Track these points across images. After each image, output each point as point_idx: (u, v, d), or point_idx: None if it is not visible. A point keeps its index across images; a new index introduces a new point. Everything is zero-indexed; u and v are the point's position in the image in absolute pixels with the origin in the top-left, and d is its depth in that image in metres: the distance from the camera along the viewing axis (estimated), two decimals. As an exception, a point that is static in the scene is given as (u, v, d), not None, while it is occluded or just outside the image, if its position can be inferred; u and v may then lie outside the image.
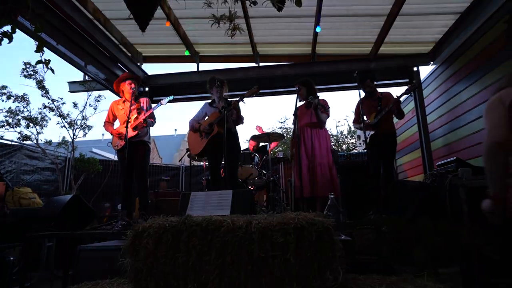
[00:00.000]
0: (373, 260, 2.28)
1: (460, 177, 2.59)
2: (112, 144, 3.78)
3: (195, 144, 3.76)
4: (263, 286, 1.31)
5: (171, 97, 3.86)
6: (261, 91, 6.03)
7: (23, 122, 6.91)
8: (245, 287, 1.32)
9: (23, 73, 6.83)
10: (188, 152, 5.23)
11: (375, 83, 4.11)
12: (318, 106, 3.55)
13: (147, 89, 5.91)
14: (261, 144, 5.80)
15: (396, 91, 3.97)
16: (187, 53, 5.55)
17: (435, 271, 1.88)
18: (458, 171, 2.64)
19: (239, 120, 3.70)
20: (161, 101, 3.79)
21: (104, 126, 3.91)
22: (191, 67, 6.01)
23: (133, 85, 3.76)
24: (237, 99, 3.58)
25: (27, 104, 7.02)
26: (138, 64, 5.71)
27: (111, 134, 3.80)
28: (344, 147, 13.94)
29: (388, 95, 3.98)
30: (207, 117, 3.78)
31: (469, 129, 4.20)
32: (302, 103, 3.89)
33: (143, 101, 3.86)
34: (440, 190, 2.76)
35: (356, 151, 12.88)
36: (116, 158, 3.85)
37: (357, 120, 4.14)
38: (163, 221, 1.49)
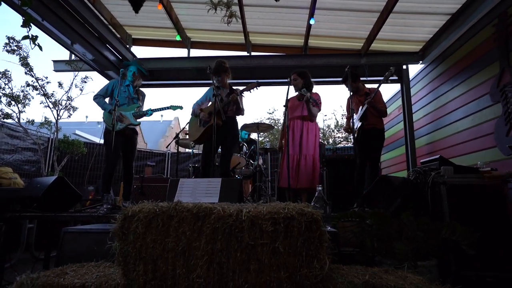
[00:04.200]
0: (355, 252, 2.34)
1: (442, 175, 2.69)
2: (106, 122, 3.60)
3: (194, 130, 3.73)
4: (251, 273, 1.34)
5: (181, 107, 3.91)
6: (251, 80, 6.03)
7: (4, 100, 6.67)
8: (233, 273, 1.34)
9: (5, 48, 6.57)
10: (176, 139, 5.20)
11: (365, 78, 4.16)
12: (310, 100, 3.57)
13: (135, 72, 5.79)
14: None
15: (384, 88, 4.01)
16: (178, 37, 5.46)
17: (414, 263, 1.96)
18: (441, 169, 2.73)
19: (239, 111, 3.66)
20: (171, 107, 3.86)
21: (96, 99, 3.66)
22: (181, 52, 5.92)
23: (131, 74, 3.75)
24: (237, 92, 3.54)
25: (9, 81, 6.77)
26: (128, 46, 5.57)
27: (109, 112, 3.57)
28: (330, 140, 14.11)
29: (377, 90, 4.02)
30: (210, 103, 3.73)
31: (453, 129, 4.32)
32: (293, 94, 3.90)
33: (142, 94, 3.92)
34: (423, 186, 2.86)
35: (342, 145, 13.09)
36: (101, 141, 3.77)
37: (349, 118, 4.19)
38: (153, 206, 1.49)
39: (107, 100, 3.76)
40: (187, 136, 4.76)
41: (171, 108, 3.83)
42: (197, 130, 3.66)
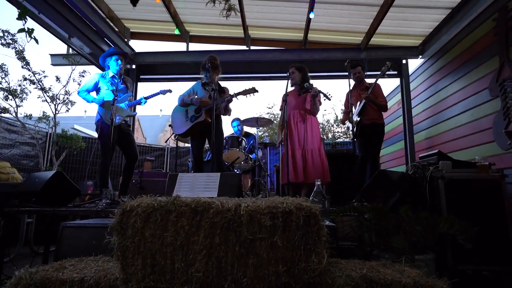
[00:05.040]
0: (353, 246, 2.35)
1: (440, 170, 2.69)
2: (104, 116, 3.49)
3: (179, 123, 3.70)
4: (250, 267, 1.34)
5: (170, 90, 3.87)
6: (250, 75, 6.00)
7: (1, 94, 6.62)
8: (232, 268, 1.35)
9: (0, 41, 6.50)
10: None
11: (365, 73, 4.15)
12: (318, 94, 3.57)
13: (134, 66, 5.76)
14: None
15: (384, 83, 4.01)
16: (177, 31, 5.41)
17: (412, 257, 1.97)
18: (439, 163, 2.74)
19: (227, 111, 3.66)
20: (161, 92, 3.82)
21: (84, 95, 3.53)
22: (180, 46, 5.87)
23: (121, 62, 3.64)
24: (232, 94, 3.52)
25: (5, 75, 6.71)
26: (126, 40, 5.53)
27: (102, 106, 3.49)
28: (330, 135, 14.11)
29: (376, 84, 4.02)
30: (196, 97, 3.72)
31: (452, 123, 4.33)
32: (292, 88, 3.88)
33: (129, 81, 3.85)
34: (421, 181, 2.86)
35: (341, 140, 13.10)
36: None
37: (347, 112, 4.19)
38: (151, 200, 1.49)
39: (94, 94, 3.63)
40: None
41: (161, 93, 3.83)
42: (183, 124, 3.63)
